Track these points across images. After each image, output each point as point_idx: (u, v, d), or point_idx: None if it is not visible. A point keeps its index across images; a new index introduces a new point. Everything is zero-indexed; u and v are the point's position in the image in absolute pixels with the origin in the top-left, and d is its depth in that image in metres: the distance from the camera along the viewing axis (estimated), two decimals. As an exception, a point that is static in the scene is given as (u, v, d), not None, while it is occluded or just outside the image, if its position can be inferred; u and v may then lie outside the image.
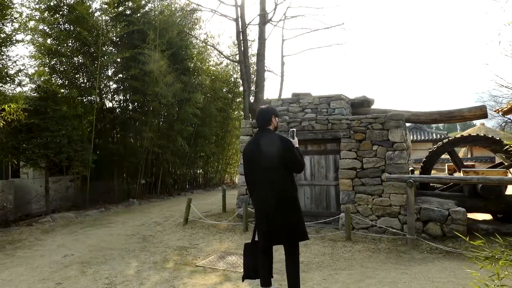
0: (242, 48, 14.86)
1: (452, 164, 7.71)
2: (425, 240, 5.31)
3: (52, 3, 9.48)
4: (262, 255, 3.10)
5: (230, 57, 17.20)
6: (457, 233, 3.09)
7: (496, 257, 1.96)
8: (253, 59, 16.80)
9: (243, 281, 3.28)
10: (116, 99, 12.52)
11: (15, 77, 7.69)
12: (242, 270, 3.34)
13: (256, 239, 3.19)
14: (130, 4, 11.97)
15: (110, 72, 12.07)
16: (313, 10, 39.61)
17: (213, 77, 16.69)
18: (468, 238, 2.28)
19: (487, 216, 6.74)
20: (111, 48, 11.53)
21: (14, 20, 7.59)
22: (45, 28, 9.56)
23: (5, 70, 7.46)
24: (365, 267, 4.39)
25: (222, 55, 17.33)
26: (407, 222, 5.47)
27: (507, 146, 2.73)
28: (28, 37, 9.00)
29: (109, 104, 12.30)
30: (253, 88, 15.65)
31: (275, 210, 2.94)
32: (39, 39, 9.34)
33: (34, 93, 9.12)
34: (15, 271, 4.62)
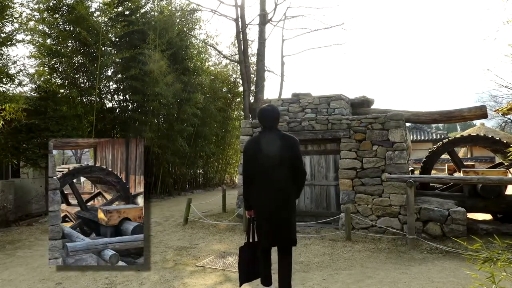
0: (242, 48, 14.86)
1: (452, 164, 7.70)
2: (425, 240, 5.31)
3: (51, 3, 9.49)
4: (264, 255, 3.09)
5: (230, 57, 17.21)
6: (455, 239, 3.07)
7: (495, 258, 1.96)
8: (253, 59, 16.80)
9: (240, 286, 3.21)
10: (116, 99, 12.56)
11: (16, 77, 7.70)
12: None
13: (251, 240, 3.16)
14: (130, 4, 11.98)
15: (110, 72, 12.10)
16: (313, 10, 39.54)
17: (212, 77, 16.69)
18: (467, 240, 2.27)
19: (487, 216, 6.74)
20: (111, 48, 11.54)
21: (14, 20, 7.60)
22: (45, 28, 9.57)
23: (6, 70, 7.47)
24: (365, 267, 4.39)
25: (222, 55, 17.35)
26: (407, 222, 5.47)
27: (509, 153, 2.72)
28: (28, 37, 9.04)
29: (109, 104, 12.33)
30: (253, 88, 15.66)
31: (280, 210, 2.93)
32: (39, 39, 9.35)
33: (34, 93, 9.14)
34: (15, 271, 4.62)
